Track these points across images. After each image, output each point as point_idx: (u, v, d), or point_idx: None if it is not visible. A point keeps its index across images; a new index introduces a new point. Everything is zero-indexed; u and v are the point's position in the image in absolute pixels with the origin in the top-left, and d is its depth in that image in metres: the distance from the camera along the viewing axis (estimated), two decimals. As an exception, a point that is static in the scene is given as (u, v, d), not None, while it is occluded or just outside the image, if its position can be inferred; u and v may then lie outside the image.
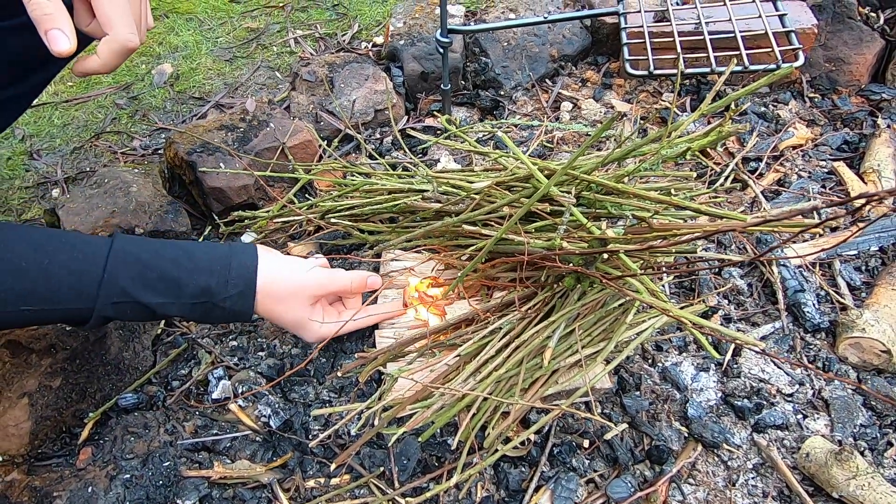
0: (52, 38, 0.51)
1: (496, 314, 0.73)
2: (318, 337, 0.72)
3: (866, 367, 0.81)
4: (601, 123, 1.20)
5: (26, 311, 0.58)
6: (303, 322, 0.70)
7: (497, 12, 1.37)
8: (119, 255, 0.60)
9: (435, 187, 0.85)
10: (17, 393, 0.72)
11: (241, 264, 0.66)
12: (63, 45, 0.51)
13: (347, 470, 0.72)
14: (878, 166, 1.04)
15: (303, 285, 0.69)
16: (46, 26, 0.51)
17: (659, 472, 0.71)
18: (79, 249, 0.60)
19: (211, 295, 0.63)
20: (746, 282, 0.92)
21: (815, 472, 0.69)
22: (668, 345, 0.84)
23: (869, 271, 0.93)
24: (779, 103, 1.24)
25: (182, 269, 0.62)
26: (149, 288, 0.61)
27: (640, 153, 0.73)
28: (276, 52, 1.49)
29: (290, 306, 0.69)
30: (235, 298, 0.64)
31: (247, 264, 0.66)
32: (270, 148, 1.03)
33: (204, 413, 0.78)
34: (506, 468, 0.71)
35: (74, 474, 0.70)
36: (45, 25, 0.51)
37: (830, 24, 1.25)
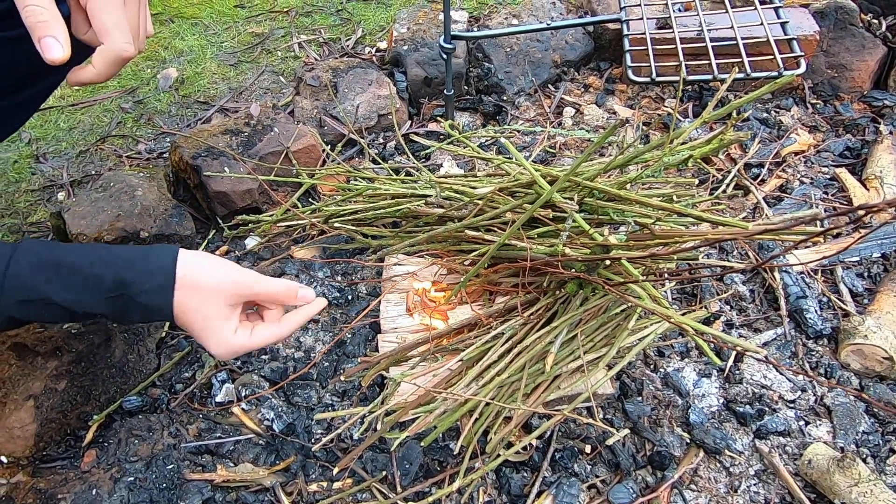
0: (45, 45, 0.51)
1: (499, 319, 0.73)
2: (226, 348, 0.62)
3: (868, 374, 0.81)
4: (604, 129, 1.20)
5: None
6: (215, 326, 0.62)
7: (500, 18, 1.38)
8: (24, 254, 0.57)
9: (438, 192, 0.86)
10: (23, 395, 0.72)
11: (160, 255, 0.61)
12: (56, 52, 0.51)
13: (350, 474, 0.72)
14: (881, 172, 1.05)
15: (227, 280, 0.62)
16: (40, 34, 0.51)
17: (661, 478, 0.71)
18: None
19: (127, 287, 0.59)
20: (748, 288, 0.92)
21: (817, 479, 0.69)
22: (670, 350, 0.84)
23: (871, 278, 0.93)
24: (781, 109, 1.24)
25: (98, 263, 0.59)
26: (61, 284, 0.57)
27: (642, 160, 0.73)
28: (280, 56, 1.50)
29: (207, 302, 0.61)
30: (154, 292, 0.59)
31: (167, 254, 0.61)
32: (274, 152, 1.04)
33: (207, 416, 0.78)
34: (508, 473, 0.71)
35: (79, 476, 0.70)
36: (39, 33, 0.51)
37: (832, 31, 1.25)
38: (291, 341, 0.86)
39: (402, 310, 0.82)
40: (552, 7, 1.40)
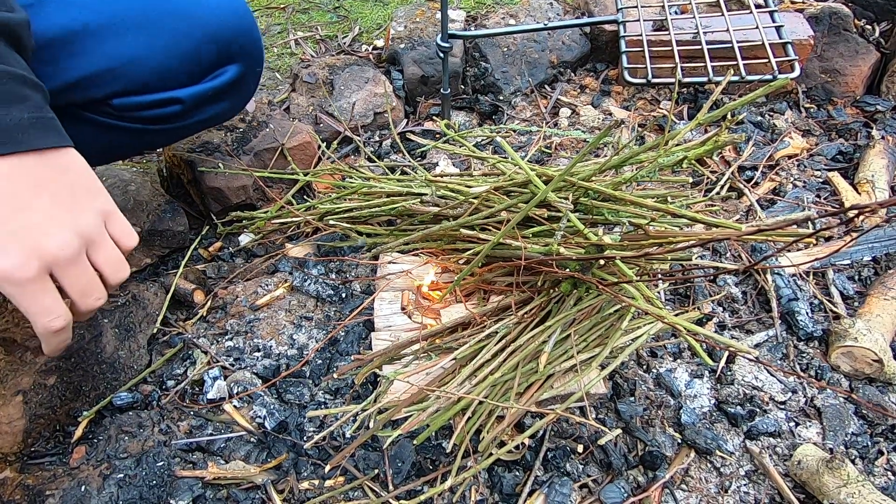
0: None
1: (492, 318, 0.73)
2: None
3: (858, 376, 0.81)
4: (599, 130, 1.20)
5: None
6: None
7: (497, 18, 1.38)
8: None
9: (433, 191, 0.86)
10: (12, 390, 0.72)
11: None
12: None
13: (342, 472, 0.72)
14: (872, 177, 1.05)
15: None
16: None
17: (652, 478, 0.71)
18: None
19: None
20: (741, 290, 0.92)
21: (806, 480, 0.70)
22: (663, 351, 0.85)
23: (862, 281, 0.94)
24: (775, 113, 1.25)
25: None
26: None
27: (637, 161, 0.74)
28: (276, 53, 1.49)
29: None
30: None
31: None
32: (269, 149, 1.03)
33: (199, 413, 0.77)
34: (500, 472, 0.71)
35: (68, 473, 0.70)
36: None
37: (826, 36, 1.26)
38: (285, 339, 0.86)
39: (396, 308, 0.82)
40: (549, 7, 1.41)
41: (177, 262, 0.96)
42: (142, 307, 0.86)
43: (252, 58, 0.78)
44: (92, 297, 0.54)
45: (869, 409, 0.77)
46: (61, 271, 0.51)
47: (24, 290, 0.49)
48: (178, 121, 0.76)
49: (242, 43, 0.76)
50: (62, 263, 0.51)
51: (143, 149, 0.95)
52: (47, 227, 0.50)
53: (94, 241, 0.53)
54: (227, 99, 0.80)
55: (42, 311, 0.51)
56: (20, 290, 0.49)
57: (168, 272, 0.94)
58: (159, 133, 0.77)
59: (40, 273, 0.49)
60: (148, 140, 0.80)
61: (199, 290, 0.91)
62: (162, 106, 0.73)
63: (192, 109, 0.76)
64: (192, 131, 0.86)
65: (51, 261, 0.50)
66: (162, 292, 0.89)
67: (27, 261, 0.48)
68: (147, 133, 0.76)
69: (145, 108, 0.72)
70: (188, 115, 0.77)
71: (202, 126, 0.84)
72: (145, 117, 0.73)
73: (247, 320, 0.87)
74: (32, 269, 0.49)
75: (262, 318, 0.88)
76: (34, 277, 0.49)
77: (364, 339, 0.84)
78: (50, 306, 0.51)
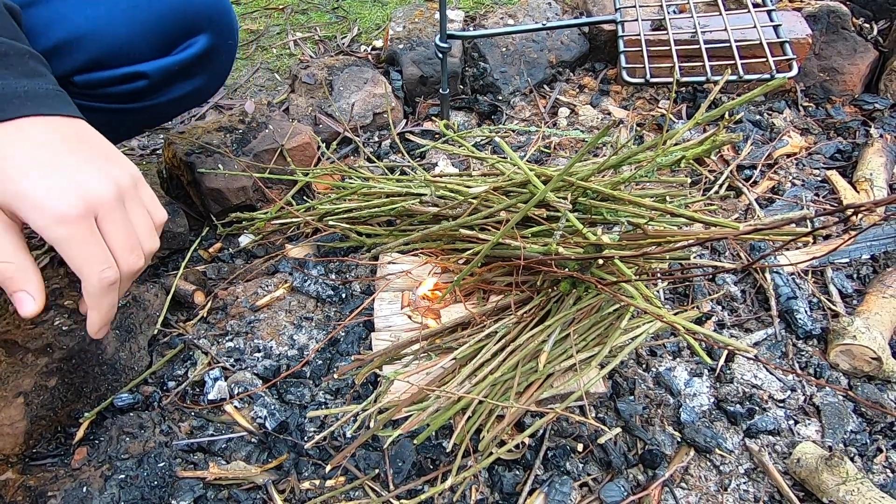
0: (16, 301, 0.48)
1: (492, 318, 0.73)
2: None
3: (857, 374, 0.82)
4: (598, 130, 1.21)
5: None
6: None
7: (496, 18, 1.38)
8: None
9: (432, 191, 0.86)
10: (13, 392, 0.72)
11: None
12: (28, 307, 0.48)
13: (342, 472, 0.72)
14: (871, 175, 1.06)
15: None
16: (11, 290, 0.48)
17: (652, 477, 0.71)
18: None
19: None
20: (740, 288, 0.93)
21: (805, 478, 0.70)
22: (662, 350, 0.85)
23: (860, 279, 0.94)
24: (773, 112, 1.25)
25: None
26: None
27: (636, 160, 0.74)
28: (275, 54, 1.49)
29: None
30: None
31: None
32: (269, 150, 1.04)
33: (199, 414, 0.78)
34: (500, 471, 0.71)
35: (69, 474, 0.70)
36: (10, 289, 0.48)
37: (825, 35, 1.26)
38: (285, 339, 0.86)
39: (396, 308, 0.82)
40: (548, 7, 1.41)
41: (177, 263, 0.96)
42: (142, 308, 0.86)
43: (222, 28, 0.75)
44: (133, 255, 0.51)
45: (868, 406, 0.77)
46: (105, 215, 0.49)
47: (73, 232, 0.47)
48: (147, 98, 0.72)
49: (210, 13, 0.73)
50: (105, 207, 0.49)
51: (121, 134, 0.90)
52: (88, 172, 0.49)
53: (129, 198, 0.52)
54: (200, 74, 0.77)
55: (94, 258, 0.48)
56: (71, 231, 0.47)
57: (168, 273, 0.94)
58: (130, 113, 0.73)
59: (87, 213, 0.48)
60: (121, 121, 0.75)
61: (200, 291, 0.91)
62: (127, 81, 0.70)
63: (160, 85, 0.73)
64: (169, 113, 0.82)
65: (95, 202, 0.48)
66: (162, 293, 0.89)
67: (75, 199, 0.47)
68: (117, 113, 0.72)
69: (110, 84, 0.69)
70: (158, 93, 0.74)
71: (178, 106, 0.81)
72: (112, 94, 0.70)
73: (247, 321, 0.88)
74: (80, 207, 0.47)
75: (263, 318, 0.88)
76: (83, 215, 0.47)
77: (364, 339, 0.85)
78: (100, 254, 0.49)
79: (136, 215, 0.53)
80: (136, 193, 0.53)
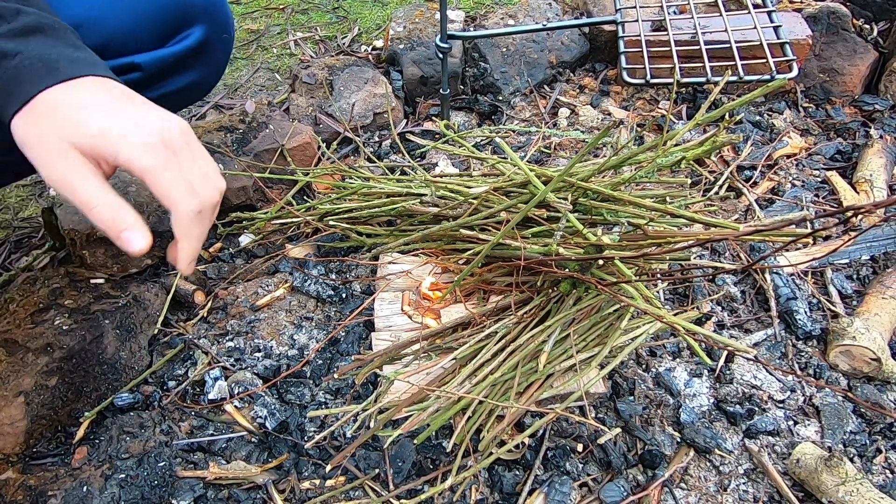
0: (126, 241, 0.48)
1: (492, 318, 0.73)
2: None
3: (856, 375, 0.82)
4: (598, 130, 1.21)
5: None
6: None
7: (496, 18, 1.38)
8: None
9: (433, 191, 0.86)
10: (14, 391, 0.72)
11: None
12: (138, 244, 0.48)
13: (343, 472, 0.72)
14: (871, 176, 1.06)
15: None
16: (116, 230, 0.48)
17: (651, 477, 0.72)
18: None
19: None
20: (739, 289, 0.93)
21: (805, 478, 0.70)
22: (662, 350, 0.85)
23: (860, 280, 0.94)
24: (773, 112, 1.25)
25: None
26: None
27: (636, 161, 0.74)
28: (275, 53, 1.49)
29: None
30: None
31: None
32: (269, 150, 1.04)
33: (200, 413, 0.78)
34: (500, 471, 0.71)
35: (69, 473, 0.70)
36: (114, 230, 0.48)
37: (825, 36, 1.26)
38: (285, 339, 0.86)
39: (396, 308, 0.82)
40: (548, 8, 1.41)
41: (177, 262, 0.96)
42: (142, 308, 0.86)
43: (217, 21, 0.76)
44: (209, 187, 0.51)
45: (867, 407, 0.77)
46: (177, 150, 0.50)
47: (161, 159, 0.48)
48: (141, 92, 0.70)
49: (205, 4, 0.73)
50: (177, 143, 0.50)
51: None
52: (155, 114, 0.50)
53: (191, 139, 0.53)
54: (195, 68, 0.77)
55: (181, 183, 0.49)
56: (159, 158, 0.48)
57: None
58: None
59: (166, 144, 0.49)
60: None
61: (200, 291, 0.91)
62: (121, 73, 0.70)
63: (155, 78, 0.73)
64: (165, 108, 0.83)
65: (169, 136, 0.49)
66: (162, 293, 0.89)
67: (155, 130, 0.49)
68: None
69: None
70: (152, 86, 0.74)
71: (174, 101, 0.81)
72: None
73: (247, 321, 0.88)
74: (159, 136, 0.48)
75: (263, 318, 0.88)
76: (164, 144, 0.48)
77: (364, 339, 0.85)
78: (186, 181, 0.49)
79: (199, 154, 0.54)
80: (194, 138, 0.55)
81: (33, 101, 0.48)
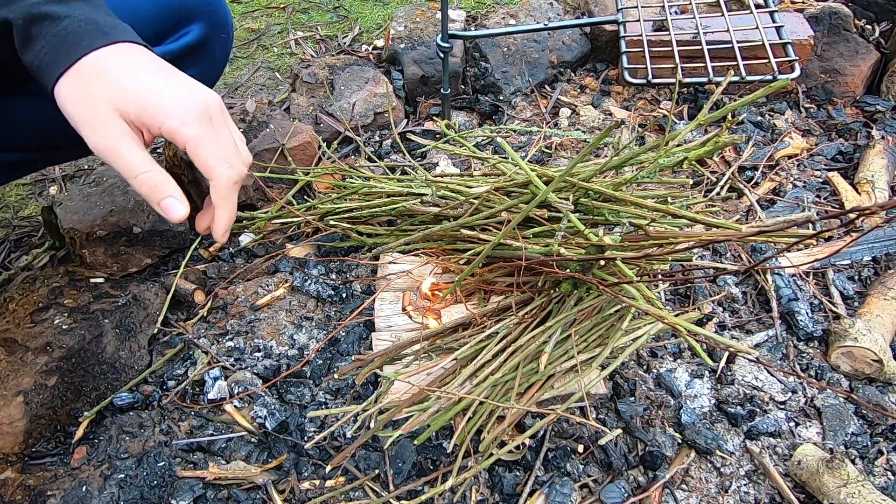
0: (166, 207, 0.51)
1: (493, 318, 0.73)
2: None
3: (858, 376, 0.82)
4: (599, 130, 1.20)
5: None
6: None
7: (497, 18, 1.38)
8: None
9: (434, 191, 0.86)
10: (13, 391, 0.72)
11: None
12: (179, 211, 0.51)
13: (343, 472, 0.72)
14: (872, 177, 1.06)
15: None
16: (158, 198, 0.50)
17: (652, 478, 0.71)
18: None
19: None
20: (741, 290, 0.92)
21: (806, 480, 0.70)
22: (663, 351, 0.85)
23: (862, 281, 0.94)
24: (775, 113, 1.25)
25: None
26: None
27: (637, 161, 0.74)
28: (276, 53, 1.49)
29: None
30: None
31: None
32: (270, 149, 1.03)
33: (199, 413, 0.78)
34: (501, 472, 0.71)
35: (69, 473, 0.70)
36: (157, 197, 0.50)
37: (826, 36, 1.26)
38: (285, 339, 0.86)
39: (396, 308, 0.82)
40: (549, 7, 1.41)
41: (177, 262, 0.96)
42: (142, 307, 0.86)
43: (214, 19, 0.76)
44: (240, 159, 0.54)
45: (869, 409, 0.77)
46: (216, 122, 0.52)
47: (204, 129, 0.50)
48: None
49: (203, 3, 0.74)
50: (216, 114, 0.52)
51: None
52: (195, 84, 0.52)
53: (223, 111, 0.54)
54: (193, 66, 0.77)
55: (221, 154, 0.51)
56: (202, 130, 0.50)
57: (168, 272, 0.94)
58: None
59: (207, 116, 0.51)
60: None
61: (200, 291, 0.91)
62: None
63: None
64: None
65: (209, 108, 0.51)
66: (162, 292, 0.89)
67: (198, 102, 0.50)
68: None
69: None
70: None
71: None
72: None
73: (247, 320, 0.87)
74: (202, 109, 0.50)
75: (263, 318, 0.88)
76: (206, 117, 0.50)
77: (365, 339, 0.84)
78: (225, 150, 0.51)
79: (231, 127, 0.56)
80: (226, 111, 0.56)
81: (80, 61, 0.49)
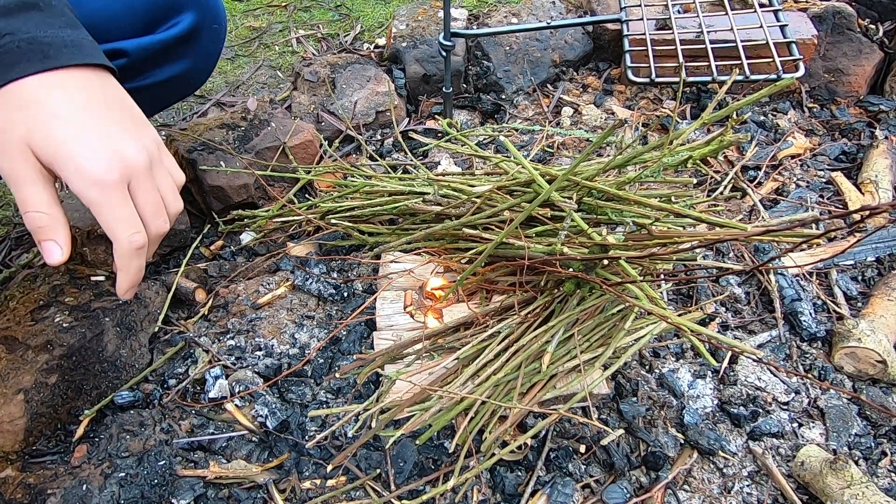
0: (45, 250, 0.51)
1: (495, 318, 0.73)
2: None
3: (861, 377, 0.81)
4: (602, 129, 1.20)
5: None
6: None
7: (499, 17, 1.38)
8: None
9: (435, 190, 0.85)
10: (13, 389, 0.72)
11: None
12: (56, 256, 0.51)
13: (344, 471, 0.72)
14: (876, 177, 1.05)
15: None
16: (40, 238, 0.51)
17: (655, 479, 0.71)
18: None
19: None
20: (744, 290, 0.92)
21: (809, 481, 0.69)
22: (666, 351, 0.84)
23: (865, 281, 0.93)
24: (778, 113, 1.24)
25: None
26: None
27: (641, 160, 0.73)
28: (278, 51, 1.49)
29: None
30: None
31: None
32: (271, 147, 1.03)
33: (200, 412, 0.77)
34: (502, 472, 0.71)
35: (69, 472, 0.70)
36: (40, 237, 0.50)
37: (830, 36, 1.26)
38: (286, 337, 0.85)
39: (398, 307, 0.81)
40: (552, 6, 1.40)
41: (178, 260, 0.96)
42: (143, 306, 0.86)
43: (206, 10, 0.75)
44: (160, 219, 0.54)
45: (873, 410, 0.77)
46: (136, 183, 0.52)
47: (109, 196, 0.50)
48: (128, 80, 0.68)
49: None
50: (138, 174, 0.51)
51: None
52: (124, 138, 0.51)
53: (156, 164, 0.54)
54: (184, 57, 0.76)
55: (125, 221, 0.51)
56: (106, 195, 0.49)
57: (169, 271, 0.94)
58: None
59: (122, 179, 0.50)
60: None
61: (201, 289, 0.90)
62: None
63: (142, 66, 0.73)
64: (155, 101, 0.81)
65: (130, 170, 0.51)
66: (163, 291, 0.89)
67: (113, 164, 0.50)
68: None
69: None
70: (140, 74, 0.73)
71: (163, 93, 0.80)
72: None
73: (248, 319, 0.87)
74: (116, 173, 0.50)
75: (264, 316, 0.87)
76: (118, 182, 0.50)
77: (366, 338, 0.84)
78: (131, 217, 0.51)
79: (161, 180, 0.55)
80: (161, 158, 0.56)
81: (7, 87, 0.48)
